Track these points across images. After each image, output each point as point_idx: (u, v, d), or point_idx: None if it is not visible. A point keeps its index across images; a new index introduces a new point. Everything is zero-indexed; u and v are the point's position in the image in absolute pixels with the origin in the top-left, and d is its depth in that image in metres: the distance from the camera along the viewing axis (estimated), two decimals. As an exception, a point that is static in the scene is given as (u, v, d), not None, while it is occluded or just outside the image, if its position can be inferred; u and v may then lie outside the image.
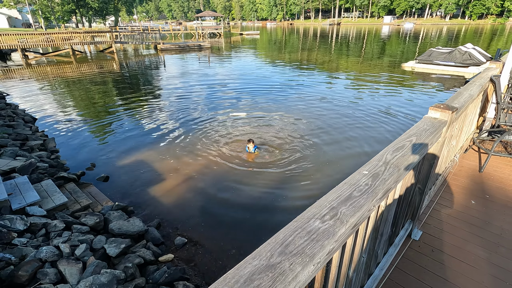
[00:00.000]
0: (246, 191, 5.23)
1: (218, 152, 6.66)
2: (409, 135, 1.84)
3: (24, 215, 3.65)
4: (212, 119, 8.89)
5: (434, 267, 2.26)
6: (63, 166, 5.88)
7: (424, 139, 1.82)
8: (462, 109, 2.39)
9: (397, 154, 1.59)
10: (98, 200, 4.69)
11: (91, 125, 8.59)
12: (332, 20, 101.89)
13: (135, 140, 7.46)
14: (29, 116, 8.85)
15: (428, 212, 2.93)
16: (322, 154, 6.56)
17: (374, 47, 30.27)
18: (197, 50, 31.21)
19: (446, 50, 16.21)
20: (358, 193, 1.22)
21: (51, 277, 2.86)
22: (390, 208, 1.77)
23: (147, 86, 14.29)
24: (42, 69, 20.03)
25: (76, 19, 62.52)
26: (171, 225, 4.35)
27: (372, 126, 8.16)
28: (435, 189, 3.11)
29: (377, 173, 1.39)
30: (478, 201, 3.09)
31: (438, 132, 2.03)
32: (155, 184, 5.44)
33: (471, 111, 3.64)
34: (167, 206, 4.82)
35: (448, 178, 3.49)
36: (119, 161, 6.31)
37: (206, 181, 5.53)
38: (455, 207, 3.00)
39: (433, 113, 2.16)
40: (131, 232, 3.79)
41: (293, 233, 0.98)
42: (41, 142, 6.68)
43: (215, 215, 4.62)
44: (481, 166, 3.74)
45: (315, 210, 1.10)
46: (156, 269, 3.37)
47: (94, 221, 3.89)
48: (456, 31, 53.12)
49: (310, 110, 9.71)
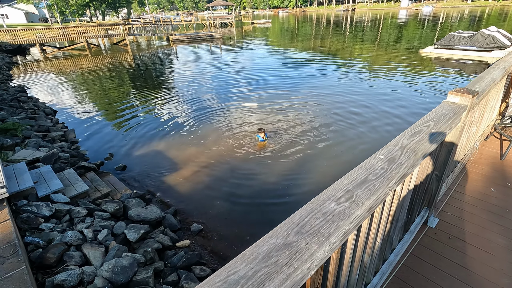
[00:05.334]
0: (259, 179, 5.28)
1: (230, 141, 6.72)
2: (427, 120, 1.80)
3: (49, 202, 3.85)
4: (224, 109, 8.93)
5: (451, 254, 2.23)
6: (84, 156, 6.10)
7: (442, 124, 1.77)
8: (483, 94, 2.31)
9: (414, 139, 1.57)
10: (117, 188, 4.87)
11: (107, 117, 8.83)
12: (346, 6, 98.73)
13: (150, 130, 7.62)
14: (50, 108, 9.18)
15: (446, 199, 2.89)
16: (336, 142, 6.50)
17: (390, 33, 29.24)
18: (208, 40, 31.11)
19: (467, 34, 15.46)
20: (373, 177, 1.22)
21: (77, 260, 3.02)
22: (406, 194, 1.76)
23: (159, 78, 14.45)
24: (59, 62, 20.55)
25: (90, 12, 63.38)
26: (187, 212, 4.47)
27: (387, 115, 7.99)
28: (453, 177, 3.05)
29: (393, 157, 1.38)
30: (498, 189, 3.00)
31: (457, 117, 1.97)
32: (171, 173, 5.58)
33: (493, 96, 3.50)
34: (182, 194, 4.94)
35: (467, 166, 3.40)
36: (135, 151, 6.48)
37: (220, 170, 5.61)
38: (474, 195, 2.93)
39: (453, 98, 2.10)
40: (149, 219, 3.93)
41: (309, 214, 1.00)
42: (62, 133, 6.94)
43: (230, 202, 4.71)
44: (503, 153, 3.61)
45: (330, 192, 1.12)
46: (174, 254, 3.49)
47: (114, 208, 4.05)
48: (479, 13, 50.44)
49: (323, 98, 9.59)
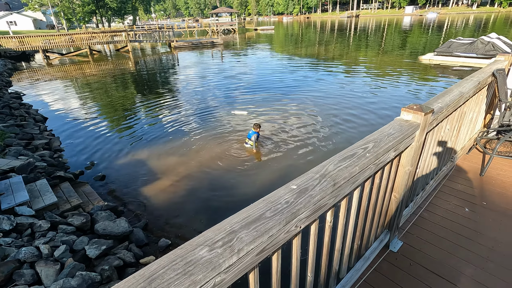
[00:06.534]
0: (239, 193, 5.12)
1: (215, 150, 6.59)
2: (366, 141, 1.64)
3: (12, 215, 3.75)
4: (214, 117, 8.83)
5: (409, 283, 2.06)
6: (64, 165, 6.03)
7: (383, 146, 1.62)
8: (443, 110, 2.15)
9: (342, 164, 1.41)
10: (90, 200, 4.76)
11: (98, 124, 8.78)
12: (350, 12, 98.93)
13: (136, 139, 7.53)
14: (40, 115, 9.19)
15: (414, 219, 2.71)
16: (332, 150, 6.39)
17: (393, 40, 29.05)
18: (210, 46, 31.28)
19: (467, 41, 15.22)
20: (270, 214, 1.06)
21: (27, 278, 2.90)
22: (339, 224, 1.60)
23: (158, 85, 14.49)
24: (61, 68, 20.79)
25: (96, 19, 64.47)
26: (158, 226, 4.33)
27: (375, 124, 7.80)
28: (423, 195, 2.87)
29: (306, 187, 1.22)
30: (474, 208, 2.81)
31: (407, 136, 1.82)
32: (150, 184, 5.46)
33: (471, 109, 3.33)
34: (158, 206, 4.81)
35: (443, 182, 3.21)
36: (118, 160, 6.39)
37: (200, 182, 5.47)
38: (446, 215, 2.75)
39: (405, 115, 1.94)
40: (115, 233, 3.80)
41: (168, 264, 0.86)
42: (46, 141, 6.90)
43: (205, 217, 4.56)
44: (483, 168, 3.42)
45: (210, 234, 0.96)
46: (135, 271, 3.34)
47: (80, 221, 3.94)
48: (484, 20, 50.01)
49: (321, 106, 9.45)
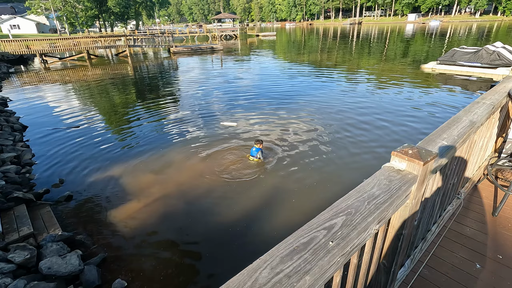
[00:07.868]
0: (219, 220, 4.55)
1: (197, 167, 6.05)
2: (333, 212, 1.09)
3: None
4: (200, 129, 8.28)
5: None
6: (29, 182, 5.49)
7: (362, 219, 1.07)
8: (450, 151, 1.60)
9: (286, 267, 0.86)
10: (47, 226, 4.21)
11: (80, 135, 8.20)
12: (353, 20, 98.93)
13: (116, 153, 6.95)
14: (19, 124, 8.69)
15: (412, 280, 2.14)
16: (330, 164, 5.97)
17: (395, 47, 28.59)
18: (209, 52, 30.97)
19: (471, 50, 14.69)
20: None
21: None
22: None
23: (152, 94, 14.02)
24: (57, 73, 20.43)
25: (99, 24, 64.76)
26: (118, 262, 3.75)
27: (375, 138, 7.24)
28: (423, 248, 2.30)
29: None
30: (486, 264, 2.24)
31: (399, 197, 1.27)
32: (120, 206, 4.90)
33: (482, 136, 2.78)
34: (124, 236, 4.24)
35: (448, 225, 2.64)
36: (90, 178, 5.82)
37: (175, 206, 4.90)
38: (452, 274, 2.18)
39: (397, 162, 1.40)
40: (61, 273, 3.25)
41: None
42: (15, 154, 6.38)
43: (175, 252, 3.97)
44: (496, 206, 2.85)
45: None
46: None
47: (23, 257, 3.39)
48: (487, 28, 49.54)
49: (321, 115, 8.94)
